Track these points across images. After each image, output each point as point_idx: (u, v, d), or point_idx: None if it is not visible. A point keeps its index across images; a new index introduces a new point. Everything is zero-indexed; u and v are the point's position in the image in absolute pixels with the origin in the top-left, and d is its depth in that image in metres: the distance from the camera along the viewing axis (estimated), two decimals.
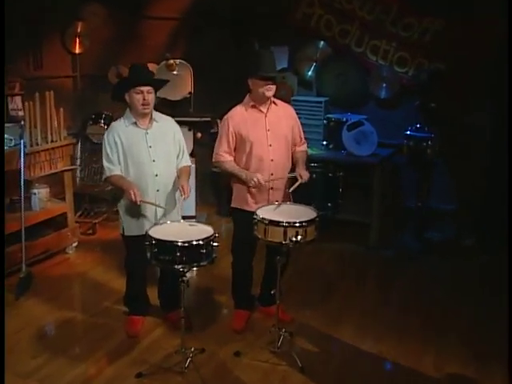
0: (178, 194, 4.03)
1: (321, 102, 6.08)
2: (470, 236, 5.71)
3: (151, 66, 5.45)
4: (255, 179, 3.96)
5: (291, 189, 4.02)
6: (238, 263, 4.29)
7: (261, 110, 4.07)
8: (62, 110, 5.17)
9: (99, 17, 6.25)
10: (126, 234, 4.05)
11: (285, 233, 3.59)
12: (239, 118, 4.07)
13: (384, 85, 6.11)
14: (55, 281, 5.02)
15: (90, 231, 6.05)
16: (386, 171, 5.83)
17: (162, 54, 6.02)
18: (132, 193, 3.73)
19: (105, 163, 3.93)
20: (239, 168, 4.08)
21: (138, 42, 6.40)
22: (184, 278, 3.57)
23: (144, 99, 3.83)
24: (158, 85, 4.01)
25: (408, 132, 5.45)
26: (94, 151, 6.23)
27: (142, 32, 6.52)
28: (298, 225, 3.61)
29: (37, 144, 5.04)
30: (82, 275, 5.17)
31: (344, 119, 5.83)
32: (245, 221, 4.11)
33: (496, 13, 5.19)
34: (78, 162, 6.12)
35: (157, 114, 4.03)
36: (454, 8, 5.61)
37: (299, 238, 3.60)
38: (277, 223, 3.62)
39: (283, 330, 3.98)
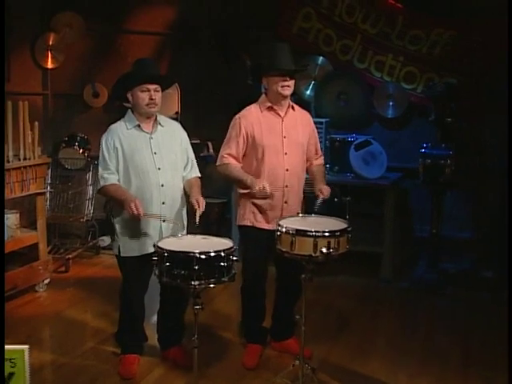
0: (184, 211, 3.83)
1: (322, 123, 5.98)
2: (489, 267, 5.61)
3: None
4: (261, 185, 3.74)
5: (316, 206, 3.81)
6: (249, 288, 4.04)
7: (278, 114, 3.91)
8: (36, 123, 4.92)
9: (74, 28, 6.14)
10: (122, 254, 3.76)
11: (315, 244, 3.38)
12: (253, 118, 3.90)
13: (390, 103, 6.05)
14: (27, 321, 4.65)
15: (63, 268, 5.71)
16: (398, 195, 5.72)
17: None
18: (133, 205, 3.47)
19: (100, 171, 3.69)
20: (244, 172, 3.88)
21: (117, 58, 6.27)
22: (197, 300, 3.29)
23: (151, 98, 3.63)
24: (166, 83, 3.82)
25: (423, 150, 5.37)
26: (67, 178, 6.02)
27: (123, 47, 6.40)
28: (328, 234, 3.41)
29: (7, 161, 4.75)
30: (57, 315, 4.82)
31: (350, 139, 5.75)
32: (256, 239, 3.95)
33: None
34: (48, 189, 5.81)
35: (161, 117, 3.83)
36: (463, 17, 5.67)
37: (331, 250, 3.40)
38: (305, 233, 3.40)
39: (307, 365, 3.71)
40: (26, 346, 2.58)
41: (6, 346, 2.54)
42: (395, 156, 5.86)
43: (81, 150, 6.00)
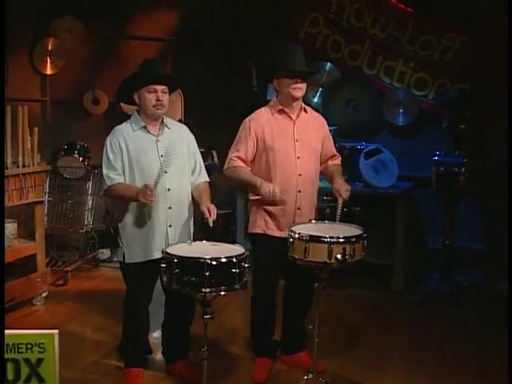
0: (191, 217, 3.83)
1: (330, 131, 5.96)
2: (504, 279, 5.57)
3: None
4: (270, 188, 3.70)
5: (338, 214, 3.75)
6: (260, 298, 4.00)
7: (290, 117, 3.91)
8: (36, 129, 4.91)
9: (74, 33, 6.17)
10: (127, 261, 3.73)
11: (329, 250, 3.36)
12: (263, 121, 3.89)
13: (401, 110, 6.06)
14: None
15: (61, 281, 5.68)
16: (410, 205, 5.72)
17: None
18: (144, 189, 3.43)
19: (105, 171, 3.67)
20: (253, 175, 3.85)
21: (118, 64, 6.26)
22: (207, 309, 3.26)
23: (158, 99, 3.63)
24: (173, 84, 3.81)
25: (436, 158, 5.36)
26: (66, 187, 6.00)
27: (124, 53, 6.41)
28: (343, 240, 3.40)
29: (6, 168, 4.73)
30: (56, 329, 4.75)
31: (359, 147, 5.75)
32: (268, 247, 3.92)
33: None
34: (47, 197, 5.79)
35: (168, 120, 3.83)
36: (475, 22, 5.67)
37: (346, 256, 3.39)
38: (319, 239, 3.39)
39: (320, 378, 3.68)
40: (56, 331, 2.54)
41: (35, 331, 2.50)
42: (406, 165, 5.86)
43: (80, 159, 6.00)
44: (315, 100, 6.35)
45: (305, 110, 4.00)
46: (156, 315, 4.06)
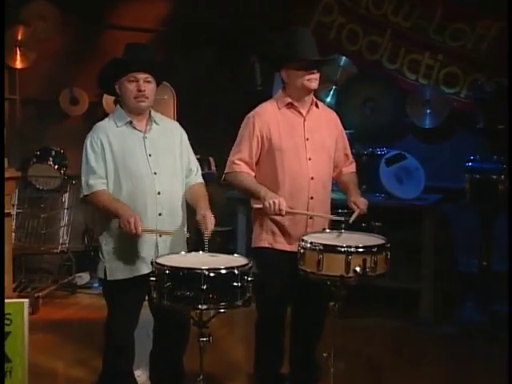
0: (185, 225, 3.85)
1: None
2: None
3: None
4: (272, 200, 3.65)
5: (351, 220, 3.81)
6: (265, 323, 3.97)
7: (299, 112, 3.91)
8: (4, 129, 4.94)
9: (48, 21, 6.26)
10: (109, 277, 3.71)
11: (347, 262, 3.35)
12: (269, 117, 3.90)
13: (428, 111, 6.13)
14: None
15: (30, 310, 5.62)
16: (439, 220, 5.73)
17: None
18: (132, 221, 3.44)
19: (84, 178, 3.67)
20: (257, 183, 3.84)
21: (100, 58, 6.20)
22: (204, 330, 3.24)
23: (139, 90, 3.64)
24: (159, 72, 3.79)
25: (470, 164, 5.38)
26: (38, 200, 6.01)
27: (106, 45, 6.48)
28: (363, 250, 3.40)
29: None
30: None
31: (380, 152, 5.78)
32: (276, 264, 3.90)
33: None
34: (16, 210, 5.81)
35: (157, 115, 3.84)
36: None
37: (367, 269, 3.37)
38: (334, 248, 3.40)
39: None
40: (26, 300, 2.47)
41: None
42: (434, 173, 5.89)
43: (56, 167, 6.05)
44: (328, 100, 6.42)
45: (316, 105, 4.00)
46: (141, 347, 4.01)
